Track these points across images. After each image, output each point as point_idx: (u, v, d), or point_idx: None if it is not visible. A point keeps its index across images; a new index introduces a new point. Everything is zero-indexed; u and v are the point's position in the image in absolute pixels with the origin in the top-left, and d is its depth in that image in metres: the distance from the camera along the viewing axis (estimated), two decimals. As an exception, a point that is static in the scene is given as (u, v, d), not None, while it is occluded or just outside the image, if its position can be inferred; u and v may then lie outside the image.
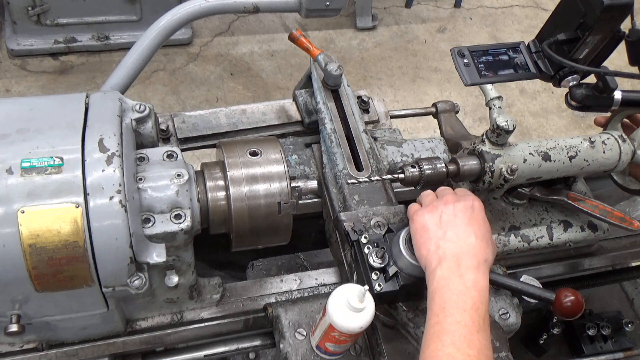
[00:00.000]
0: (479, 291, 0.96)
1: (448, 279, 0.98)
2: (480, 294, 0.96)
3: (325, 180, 1.44)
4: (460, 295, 0.95)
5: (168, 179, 1.14)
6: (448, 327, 0.92)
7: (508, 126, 1.28)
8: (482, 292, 0.97)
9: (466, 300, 0.95)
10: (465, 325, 0.92)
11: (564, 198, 1.43)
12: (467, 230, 1.04)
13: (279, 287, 1.43)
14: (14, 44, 3.24)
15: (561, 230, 1.50)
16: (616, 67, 1.26)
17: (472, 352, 0.89)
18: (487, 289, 0.98)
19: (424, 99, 3.67)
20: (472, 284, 0.97)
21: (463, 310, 0.93)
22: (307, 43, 1.60)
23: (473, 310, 0.94)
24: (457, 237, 1.03)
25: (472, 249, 1.01)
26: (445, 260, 1.00)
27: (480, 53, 1.28)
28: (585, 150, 1.39)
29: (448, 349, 0.90)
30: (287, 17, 3.88)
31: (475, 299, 0.95)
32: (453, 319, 0.93)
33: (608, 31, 1.19)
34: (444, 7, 4.27)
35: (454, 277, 0.98)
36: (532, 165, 1.34)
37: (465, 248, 1.01)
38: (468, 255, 1.00)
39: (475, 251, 1.01)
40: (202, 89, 3.43)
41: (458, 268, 0.99)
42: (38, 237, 0.99)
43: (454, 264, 0.99)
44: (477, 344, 0.90)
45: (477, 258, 1.00)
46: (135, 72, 1.98)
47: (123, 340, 1.28)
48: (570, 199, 1.43)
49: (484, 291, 0.97)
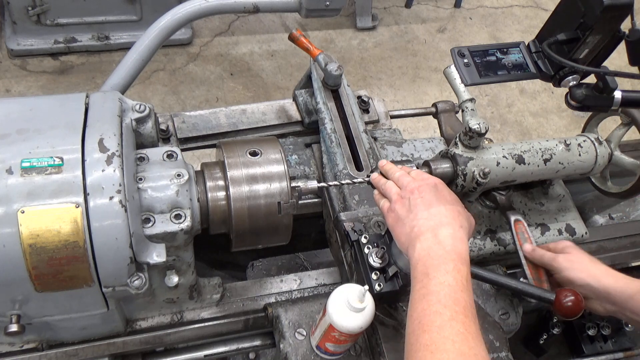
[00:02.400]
0: (459, 254, 0.98)
1: (428, 248, 1.00)
2: (461, 256, 0.98)
3: (325, 180, 1.44)
4: (441, 259, 0.97)
5: (168, 179, 1.14)
6: (433, 289, 0.94)
7: (480, 129, 1.27)
8: (462, 255, 0.99)
9: (447, 263, 0.97)
10: (449, 285, 0.94)
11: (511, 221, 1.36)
12: (436, 206, 1.06)
13: (279, 287, 1.43)
14: (14, 44, 3.24)
15: (538, 234, 1.48)
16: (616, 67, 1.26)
17: (459, 308, 0.91)
18: (466, 253, 1.00)
19: (424, 99, 3.67)
20: (452, 248, 0.99)
21: (445, 272, 0.95)
22: (307, 43, 1.60)
23: (455, 271, 0.96)
24: (429, 214, 1.05)
25: (445, 219, 1.03)
26: (423, 235, 1.02)
27: (480, 53, 1.27)
28: (561, 153, 1.38)
29: (435, 307, 0.92)
30: (287, 17, 3.88)
31: (456, 261, 0.97)
32: (437, 281, 0.95)
33: (608, 31, 1.19)
34: (444, 7, 4.27)
35: (433, 245, 1.00)
36: (506, 168, 1.33)
37: (439, 219, 1.03)
38: (443, 226, 1.02)
39: (449, 220, 1.03)
40: (202, 89, 3.43)
41: (436, 237, 1.01)
42: (38, 237, 0.99)
43: (431, 235, 1.01)
44: (462, 302, 0.92)
45: (452, 226, 1.02)
46: (135, 72, 1.98)
47: (123, 340, 1.28)
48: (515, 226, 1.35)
49: (464, 254, 0.99)
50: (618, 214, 2.06)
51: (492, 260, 1.46)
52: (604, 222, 2.03)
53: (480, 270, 1.22)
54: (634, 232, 1.76)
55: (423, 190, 1.08)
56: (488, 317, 1.28)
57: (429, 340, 0.89)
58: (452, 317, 0.90)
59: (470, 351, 0.86)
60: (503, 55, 1.28)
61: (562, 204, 1.53)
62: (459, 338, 0.87)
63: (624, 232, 1.76)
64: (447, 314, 0.90)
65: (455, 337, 0.87)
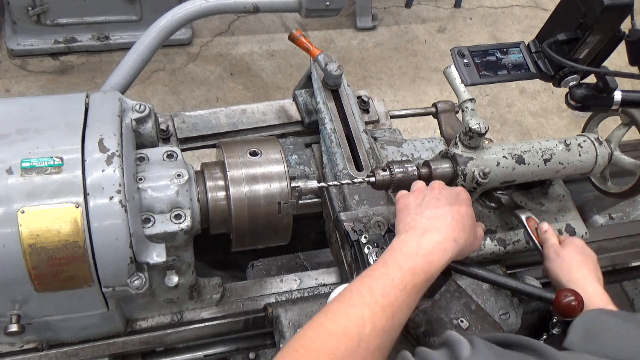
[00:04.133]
0: (427, 262, 0.95)
1: (405, 241, 0.98)
2: (427, 263, 0.94)
3: (325, 180, 1.44)
4: (406, 256, 0.95)
5: (168, 179, 1.14)
6: (375, 274, 0.92)
7: (480, 129, 1.27)
8: (430, 264, 0.95)
9: (407, 261, 0.94)
10: (392, 280, 0.90)
11: (523, 220, 1.35)
12: (446, 211, 1.03)
13: (279, 287, 1.43)
14: (14, 44, 3.24)
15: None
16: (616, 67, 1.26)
17: (383, 302, 0.87)
18: (437, 265, 0.96)
19: (424, 99, 3.67)
20: (425, 253, 0.95)
21: (398, 268, 0.92)
22: (307, 43, 1.60)
23: (409, 272, 0.92)
24: (434, 215, 1.02)
25: (444, 227, 1.01)
26: (413, 230, 1.00)
27: (480, 53, 1.27)
28: (561, 153, 1.37)
29: (362, 289, 0.89)
30: (287, 17, 3.88)
31: (418, 265, 0.93)
32: (384, 270, 0.92)
33: (608, 31, 1.19)
34: (444, 7, 4.27)
35: (412, 241, 0.98)
36: (506, 168, 1.32)
37: (437, 223, 1.01)
38: (436, 231, 1.00)
39: (446, 230, 1.00)
40: (202, 89, 3.43)
41: (420, 237, 0.98)
42: (38, 237, 0.99)
43: (419, 233, 0.99)
44: (391, 299, 0.88)
45: (445, 236, 0.99)
46: (135, 72, 1.98)
47: (123, 340, 1.28)
48: (529, 223, 1.34)
49: (432, 264, 0.95)
50: (618, 214, 2.06)
51: (492, 260, 1.46)
52: (604, 222, 2.03)
53: (480, 270, 1.21)
54: (634, 232, 1.76)
55: (444, 193, 1.07)
56: (488, 317, 1.28)
57: (333, 308, 0.87)
58: (367, 304, 0.87)
59: (352, 342, 0.82)
60: (503, 55, 1.28)
61: (562, 204, 1.53)
62: (357, 322, 0.84)
63: (624, 232, 1.76)
64: (366, 300, 0.87)
65: (355, 320, 0.84)
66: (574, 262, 1.22)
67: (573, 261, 1.22)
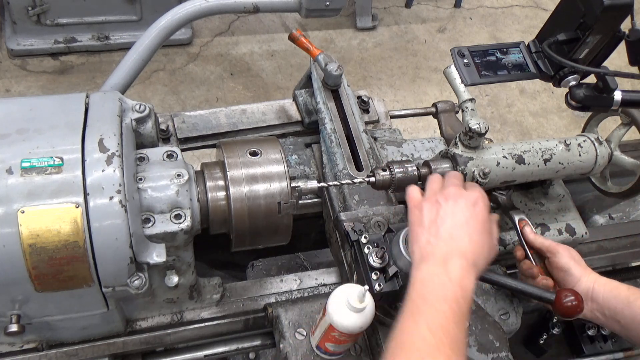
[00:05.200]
0: (462, 288, 0.95)
1: (433, 273, 0.97)
2: (463, 290, 0.95)
3: (325, 180, 1.44)
4: (443, 287, 0.94)
5: (168, 179, 1.14)
6: (425, 312, 0.91)
7: (480, 129, 1.27)
8: (466, 290, 0.95)
9: (447, 292, 0.93)
10: (444, 314, 0.90)
11: (515, 221, 1.35)
12: (463, 229, 1.02)
13: (279, 287, 1.43)
14: (14, 44, 3.24)
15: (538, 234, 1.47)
16: (616, 67, 1.25)
17: (447, 340, 0.86)
18: (471, 289, 0.97)
19: (424, 99, 3.67)
20: (458, 280, 0.95)
21: (443, 301, 0.92)
22: (307, 43, 1.60)
23: (453, 301, 0.92)
24: (450, 237, 1.01)
25: (463, 250, 1.00)
26: (434, 257, 0.99)
27: (480, 53, 1.27)
28: (561, 153, 1.37)
29: (422, 331, 0.88)
30: (287, 17, 3.88)
31: (457, 293, 0.93)
32: (432, 307, 0.91)
33: (608, 31, 1.19)
34: (444, 7, 4.27)
35: (440, 272, 0.97)
36: (506, 168, 1.32)
37: (456, 248, 1.00)
38: (457, 256, 0.99)
39: (465, 253, 1.00)
40: (202, 89, 3.43)
41: (445, 265, 0.97)
42: (38, 237, 0.99)
43: (441, 261, 0.98)
44: (452, 334, 0.88)
45: (466, 259, 0.99)
46: (135, 72, 1.98)
47: (123, 340, 1.28)
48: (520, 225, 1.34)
49: (467, 290, 0.96)
50: (618, 214, 2.06)
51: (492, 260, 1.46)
52: (604, 222, 2.03)
53: (480, 270, 1.22)
54: (634, 232, 1.76)
55: (459, 205, 1.05)
56: (488, 317, 1.28)
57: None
58: (436, 347, 0.85)
59: None
60: (503, 55, 1.28)
61: (562, 204, 1.53)
62: None
63: (624, 232, 1.76)
64: (433, 342, 0.86)
65: None
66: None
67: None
